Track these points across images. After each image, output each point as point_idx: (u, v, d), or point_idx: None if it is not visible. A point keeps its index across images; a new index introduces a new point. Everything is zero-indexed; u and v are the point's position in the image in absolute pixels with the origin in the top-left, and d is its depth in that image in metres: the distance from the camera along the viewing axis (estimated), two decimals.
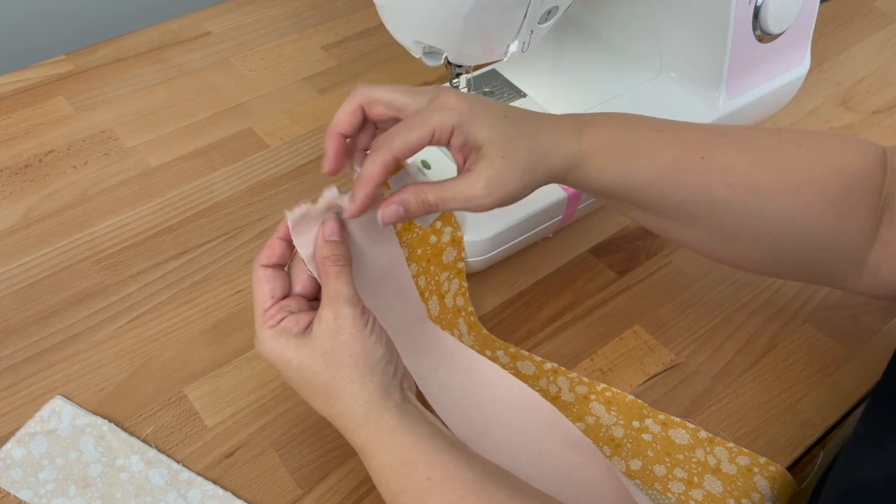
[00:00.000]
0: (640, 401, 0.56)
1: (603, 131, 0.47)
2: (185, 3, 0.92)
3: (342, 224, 0.46)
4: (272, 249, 0.46)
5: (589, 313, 0.62)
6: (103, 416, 0.53)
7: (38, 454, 0.51)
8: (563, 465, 0.49)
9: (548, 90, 0.70)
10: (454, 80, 0.59)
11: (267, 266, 0.45)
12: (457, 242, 0.55)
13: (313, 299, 0.46)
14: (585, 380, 0.57)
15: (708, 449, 0.53)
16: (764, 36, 0.66)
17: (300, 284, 0.46)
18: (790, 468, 0.54)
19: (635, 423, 0.54)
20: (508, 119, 0.45)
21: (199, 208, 0.68)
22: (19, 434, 0.52)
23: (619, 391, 0.56)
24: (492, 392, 0.52)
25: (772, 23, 0.64)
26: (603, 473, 0.49)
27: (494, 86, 0.70)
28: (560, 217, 0.62)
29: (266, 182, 0.70)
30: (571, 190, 0.60)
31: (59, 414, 0.53)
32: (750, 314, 0.62)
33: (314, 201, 0.46)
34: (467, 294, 0.57)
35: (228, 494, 0.50)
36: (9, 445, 0.51)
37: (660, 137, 0.47)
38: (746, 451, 0.53)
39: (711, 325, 0.61)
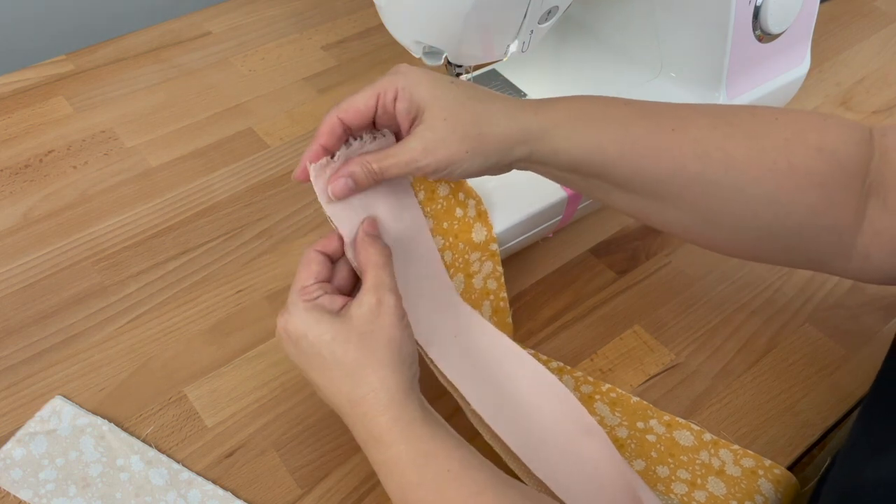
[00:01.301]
0: (644, 402, 0.56)
1: (567, 104, 0.46)
2: (185, 3, 0.92)
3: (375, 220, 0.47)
4: (331, 241, 0.46)
5: (589, 313, 0.62)
6: (103, 416, 0.53)
7: (38, 454, 0.51)
8: (574, 453, 0.49)
9: (548, 90, 0.70)
10: None
11: (320, 253, 0.46)
12: (483, 217, 0.54)
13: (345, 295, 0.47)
14: (590, 379, 0.57)
15: (712, 451, 0.53)
16: (764, 36, 0.66)
17: (338, 280, 0.47)
18: (790, 468, 0.54)
19: (639, 424, 0.54)
20: (456, 84, 0.45)
21: (199, 208, 0.68)
22: (19, 434, 0.52)
23: (623, 392, 0.56)
24: (509, 369, 0.51)
25: (772, 23, 0.64)
26: (613, 465, 0.49)
27: (494, 86, 0.70)
28: (560, 217, 0.62)
29: (266, 182, 0.70)
30: (571, 190, 0.60)
31: (59, 414, 0.53)
32: (750, 314, 0.62)
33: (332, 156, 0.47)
34: (502, 279, 0.56)
35: (228, 494, 0.50)
36: (9, 445, 0.51)
37: (629, 109, 0.47)
38: (751, 453, 0.53)
39: (711, 325, 0.61)
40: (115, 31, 0.85)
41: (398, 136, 0.47)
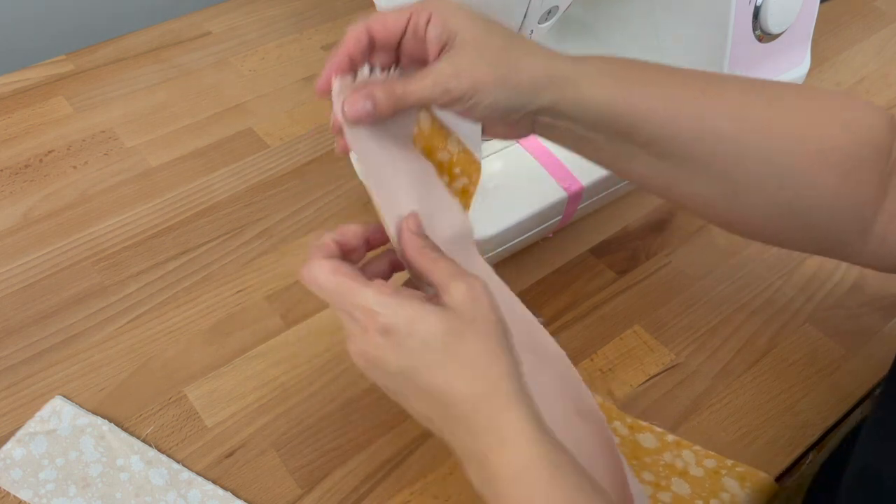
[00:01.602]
0: (607, 403, 0.55)
1: (600, 59, 0.45)
2: (185, 3, 0.92)
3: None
4: (328, 248, 0.42)
5: (589, 313, 0.62)
6: (103, 416, 0.53)
7: (38, 454, 0.51)
8: (570, 434, 0.45)
9: None
10: None
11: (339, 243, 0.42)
12: (465, 195, 0.50)
13: None
14: None
15: (675, 452, 0.53)
16: (764, 36, 0.66)
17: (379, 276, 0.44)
18: (790, 468, 0.54)
19: None
20: (491, 20, 0.44)
21: (199, 208, 0.68)
22: (19, 434, 0.52)
23: None
24: (519, 336, 0.46)
25: (772, 23, 0.64)
26: (604, 450, 0.47)
27: None
28: (560, 217, 0.62)
29: (266, 182, 0.70)
30: (571, 190, 0.60)
31: (59, 414, 0.53)
32: (750, 314, 0.62)
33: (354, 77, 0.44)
34: None
35: (228, 494, 0.50)
36: (9, 445, 0.51)
37: (660, 69, 0.45)
38: (713, 454, 0.53)
39: (711, 325, 0.61)
40: (115, 31, 0.85)
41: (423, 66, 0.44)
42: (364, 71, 0.43)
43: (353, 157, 0.43)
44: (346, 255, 0.43)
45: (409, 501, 0.51)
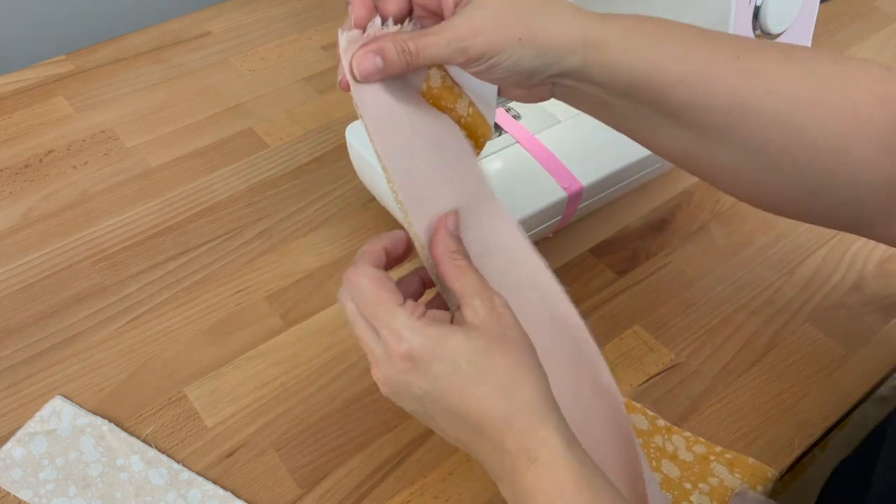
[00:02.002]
0: None
1: (632, 18, 0.42)
2: (185, 3, 0.92)
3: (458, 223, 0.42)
4: (377, 256, 0.41)
5: (589, 313, 0.62)
6: (103, 416, 0.53)
7: (38, 454, 0.51)
8: (579, 407, 0.45)
9: None
10: None
11: (379, 269, 0.40)
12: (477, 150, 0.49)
13: None
14: None
15: (666, 436, 0.54)
16: (764, 36, 0.66)
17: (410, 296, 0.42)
18: (790, 468, 0.54)
19: None
20: None
21: (199, 208, 0.68)
22: (19, 434, 0.52)
23: None
24: (537, 302, 0.45)
25: (772, 23, 0.64)
26: (616, 427, 0.46)
27: None
28: (560, 217, 0.62)
29: (266, 182, 0.70)
30: (571, 190, 0.60)
31: (59, 414, 0.53)
32: (750, 314, 0.62)
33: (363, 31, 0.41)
34: None
35: (228, 494, 0.50)
36: (9, 445, 0.51)
37: (693, 32, 0.43)
38: (703, 440, 0.54)
39: (711, 325, 0.61)
40: (115, 31, 0.85)
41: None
42: (376, 23, 0.41)
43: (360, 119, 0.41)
44: (389, 263, 0.42)
45: (409, 501, 0.51)
